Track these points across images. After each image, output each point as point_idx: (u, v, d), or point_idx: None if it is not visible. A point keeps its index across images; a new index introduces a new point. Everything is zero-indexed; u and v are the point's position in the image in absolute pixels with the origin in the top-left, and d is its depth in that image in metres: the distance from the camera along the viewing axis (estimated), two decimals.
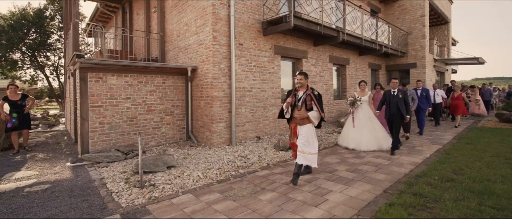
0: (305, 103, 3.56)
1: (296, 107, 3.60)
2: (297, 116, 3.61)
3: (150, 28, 8.88)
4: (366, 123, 5.53)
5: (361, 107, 5.61)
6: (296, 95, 3.64)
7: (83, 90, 5.08)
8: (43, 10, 15.32)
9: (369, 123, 5.55)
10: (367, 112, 5.61)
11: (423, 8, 11.74)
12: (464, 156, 4.76)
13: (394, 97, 5.21)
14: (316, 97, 3.57)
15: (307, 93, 3.57)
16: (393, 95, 5.24)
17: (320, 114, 3.56)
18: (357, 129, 5.53)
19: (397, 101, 5.15)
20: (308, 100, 3.55)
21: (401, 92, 5.17)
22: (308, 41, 8.24)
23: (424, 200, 2.95)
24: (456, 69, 18.65)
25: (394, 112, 5.18)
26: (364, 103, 5.62)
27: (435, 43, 13.40)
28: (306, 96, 3.56)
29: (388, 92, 5.36)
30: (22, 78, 16.97)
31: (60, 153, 5.72)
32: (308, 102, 3.55)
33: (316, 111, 3.58)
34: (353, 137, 5.55)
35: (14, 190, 3.54)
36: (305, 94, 3.58)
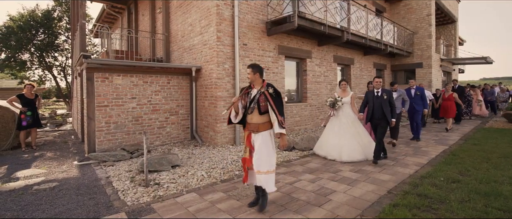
0: (257, 105, 2.73)
1: (249, 110, 2.78)
2: (249, 122, 2.80)
3: (155, 28, 8.97)
4: (348, 128, 4.77)
5: (342, 109, 4.91)
6: (249, 94, 2.84)
7: (90, 90, 5.17)
8: (51, 12, 15.60)
9: (352, 128, 4.79)
10: (350, 116, 4.88)
11: (429, 7, 11.59)
12: (470, 157, 4.69)
13: (377, 98, 4.57)
14: (272, 96, 2.72)
15: (261, 92, 2.75)
16: (376, 96, 4.59)
17: (278, 119, 2.66)
18: (338, 135, 4.76)
19: (381, 102, 4.52)
20: (262, 100, 2.73)
21: (385, 93, 4.54)
22: (312, 41, 8.22)
23: (429, 201, 2.92)
24: (464, 69, 18.36)
25: (378, 115, 4.54)
26: (346, 105, 4.91)
27: (441, 43, 13.22)
28: (260, 95, 2.74)
29: (370, 93, 4.72)
30: (31, 78, 17.30)
31: (68, 152, 5.82)
32: (262, 103, 2.73)
33: (273, 115, 2.70)
34: (334, 145, 4.74)
35: (23, 187, 3.63)
36: (258, 92, 2.76)
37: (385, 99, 4.51)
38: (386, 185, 3.46)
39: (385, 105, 4.49)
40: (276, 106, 2.70)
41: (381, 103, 4.52)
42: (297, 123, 7.78)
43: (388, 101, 4.52)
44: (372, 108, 4.63)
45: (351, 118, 4.86)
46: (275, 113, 2.68)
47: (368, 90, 4.95)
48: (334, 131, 4.87)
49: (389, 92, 4.56)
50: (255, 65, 2.79)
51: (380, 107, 4.52)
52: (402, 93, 5.88)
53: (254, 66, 2.79)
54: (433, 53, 11.79)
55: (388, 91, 4.58)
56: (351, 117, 4.86)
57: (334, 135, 4.84)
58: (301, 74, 8.17)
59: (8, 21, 14.92)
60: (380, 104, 4.53)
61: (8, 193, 3.42)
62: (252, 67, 2.80)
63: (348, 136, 4.71)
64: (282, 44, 7.26)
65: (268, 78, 6.92)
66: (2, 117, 5.97)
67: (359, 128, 4.83)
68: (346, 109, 4.92)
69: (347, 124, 4.82)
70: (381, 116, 4.51)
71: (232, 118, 2.90)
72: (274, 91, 2.76)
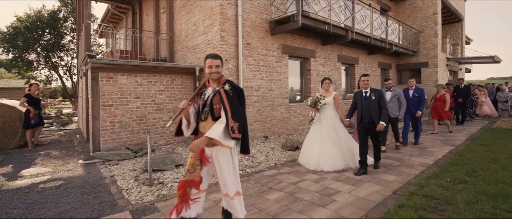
0: (211, 108, 2.09)
1: (201, 115, 2.13)
2: (202, 131, 2.15)
3: (159, 28, 9.01)
4: (330, 134, 4.19)
5: (324, 112, 4.33)
6: (202, 94, 2.18)
7: (95, 90, 5.21)
8: (57, 12, 15.79)
9: (334, 133, 4.20)
10: (332, 119, 4.28)
11: (435, 5, 11.44)
12: (478, 158, 4.61)
13: (365, 100, 3.97)
14: (227, 94, 2.08)
15: (216, 90, 2.11)
16: (364, 97, 4.00)
17: (228, 122, 2.02)
18: (319, 142, 4.21)
19: (369, 105, 3.90)
20: (216, 101, 2.08)
21: (374, 93, 3.94)
22: (316, 41, 8.17)
23: (436, 202, 2.88)
24: (470, 68, 18.11)
25: (367, 119, 3.93)
26: (328, 107, 4.32)
27: (447, 42, 13.05)
28: (214, 95, 2.10)
29: (358, 94, 4.12)
30: (37, 78, 17.54)
31: (73, 151, 5.88)
32: (216, 104, 2.08)
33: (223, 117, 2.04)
34: (313, 152, 4.20)
35: (29, 186, 3.67)
36: (213, 91, 2.12)
37: (373, 101, 3.91)
38: (391, 186, 3.42)
39: (373, 107, 3.90)
40: (231, 106, 2.02)
41: (369, 105, 3.92)
42: (301, 123, 7.75)
43: (377, 102, 3.92)
44: (360, 111, 4.04)
45: (333, 121, 4.27)
46: (226, 113, 2.00)
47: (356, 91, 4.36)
48: (315, 136, 4.30)
49: (378, 93, 3.97)
50: (215, 55, 2.14)
51: (368, 110, 3.93)
52: (397, 93, 5.20)
53: (220, 56, 2.15)
54: (439, 52, 11.63)
55: (378, 91, 3.99)
56: (333, 121, 4.27)
57: (314, 141, 4.28)
58: (305, 73, 8.13)
59: (15, 21, 15.15)
60: (368, 107, 3.94)
61: (14, 191, 3.46)
62: (219, 58, 2.13)
63: (329, 143, 4.15)
64: (286, 43, 7.23)
65: (272, 78, 6.89)
66: (9, 116, 6.06)
67: (340, 133, 4.24)
68: (328, 112, 4.32)
69: (328, 128, 4.23)
70: (371, 120, 3.90)
71: (184, 130, 2.18)
72: (231, 88, 2.11)
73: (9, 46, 14.88)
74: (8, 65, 19.57)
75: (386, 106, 3.93)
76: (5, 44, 14.79)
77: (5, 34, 14.79)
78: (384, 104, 3.93)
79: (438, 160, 4.63)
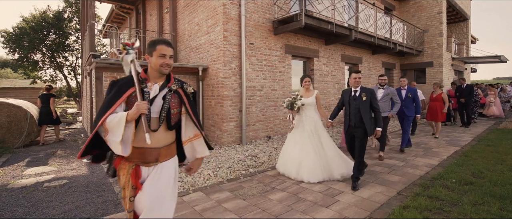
0: (168, 113, 1.61)
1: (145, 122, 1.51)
2: (140, 145, 1.56)
3: (162, 28, 9.05)
4: (312, 138, 3.70)
5: (305, 113, 3.84)
6: (144, 92, 1.58)
7: (99, 89, 5.24)
8: (62, 13, 15.94)
9: (316, 138, 3.73)
10: (314, 121, 3.79)
11: (440, 5, 11.32)
12: (484, 159, 4.55)
13: (355, 100, 3.45)
14: (189, 98, 1.74)
15: (172, 90, 1.65)
16: (353, 97, 3.48)
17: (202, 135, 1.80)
18: (300, 147, 3.72)
19: (359, 106, 3.38)
20: (174, 105, 1.65)
21: (365, 92, 3.41)
22: (320, 40, 8.13)
23: (441, 203, 2.84)
24: (476, 68, 17.89)
25: (355, 123, 3.40)
26: (309, 108, 3.84)
27: (453, 41, 12.89)
28: (171, 95, 1.64)
29: (346, 92, 3.61)
30: (43, 78, 17.74)
31: (77, 150, 5.93)
32: (175, 108, 1.65)
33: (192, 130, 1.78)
34: (293, 159, 3.72)
35: (34, 184, 3.70)
36: (168, 91, 1.64)
37: (364, 101, 3.37)
38: (395, 187, 3.39)
39: (364, 109, 3.35)
40: (195, 114, 1.72)
41: (359, 106, 3.38)
42: None
43: (369, 103, 3.39)
44: (348, 113, 3.52)
45: (315, 124, 3.78)
46: (197, 125, 1.72)
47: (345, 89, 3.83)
48: (296, 141, 3.81)
49: (370, 92, 3.44)
50: (164, 40, 1.64)
51: (357, 111, 3.40)
52: (390, 92, 4.76)
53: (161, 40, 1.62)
54: (444, 52, 11.50)
55: (370, 91, 3.46)
56: (315, 123, 3.79)
57: (294, 147, 3.79)
58: (308, 73, 8.10)
59: (21, 22, 15.34)
60: (357, 108, 3.40)
61: (20, 190, 3.50)
62: (170, 45, 1.64)
63: (310, 148, 3.65)
64: (289, 43, 7.21)
65: (275, 78, 6.87)
66: (15, 115, 6.13)
67: (323, 138, 3.76)
68: (310, 113, 3.83)
69: (310, 132, 3.74)
70: (359, 123, 3.38)
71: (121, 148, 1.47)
72: (192, 89, 1.76)
73: (15, 46, 15.07)
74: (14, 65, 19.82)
75: (379, 109, 3.44)
76: (11, 44, 14.98)
77: (11, 34, 14.98)
78: (377, 106, 3.41)
79: (443, 160, 4.58)
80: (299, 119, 3.89)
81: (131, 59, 1.64)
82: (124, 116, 1.46)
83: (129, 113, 1.47)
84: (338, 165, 3.65)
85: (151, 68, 1.65)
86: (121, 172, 1.60)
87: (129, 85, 1.57)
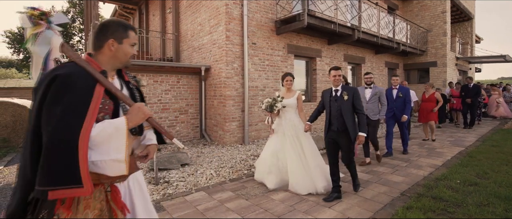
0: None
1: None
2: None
3: (165, 28, 9.08)
4: (294, 145, 3.31)
5: (286, 116, 3.43)
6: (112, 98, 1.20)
7: None
8: (66, 13, 16.10)
9: (298, 144, 3.32)
10: (295, 125, 3.39)
11: (444, 4, 11.23)
12: (489, 159, 4.50)
13: (336, 101, 3.02)
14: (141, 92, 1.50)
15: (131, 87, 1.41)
16: (334, 97, 3.05)
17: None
18: (279, 154, 3.39)
19: (340, 107, 2.97)
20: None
21: (347, 92, 2.99)
22: (322, 40, 8.11)
23: (445, 204, 2.82)
24: (480, 67, 17.73)
25: (337, 127, 2.97)
26: (290, 110, 3.45)
27: (457, 41, 12.79)
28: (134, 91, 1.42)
29: (327, 93, 3.17)
30: None
31: None
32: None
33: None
34: (272, 168, 3.35)
35: None
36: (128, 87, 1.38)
37: (346, 101, 2.95)
38: (399, 187, 3.37)
39: (346, 111, 2.93)
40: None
41: (340, 107, 2.97)
42: None
43: (352, 104, 2.96)
44: (328, 116, 3.09)
45: (296, 128, 3.38)
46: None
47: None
48: (276, 147, 3.41)
49: (352, 91, 3.01)
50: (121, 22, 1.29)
51: (339, 114, 2.97)
52: (378, 91, 4.31)
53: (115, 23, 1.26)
54: (448, 52, 11.41)
55: (352, 89, 3.04)
56: (296, 128, 3.38)
57: (274, 154, 3.40)
58: (311, 73, 8.08)
59: None
60: (339, 110, 2.98)
61: None
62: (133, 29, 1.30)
63: (293, 156, 3.26)
64: (291, 43, 7.20)
65: (277, 78, 6.86)
66: (20, 115, 6.19)
67: (305, 144, 3.33)
68: (291, 116, 3.44)
69: (291, 137, 3.33)
70: (342, 127, 2.95)
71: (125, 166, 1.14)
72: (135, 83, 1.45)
73: (20, 47, 15.25)
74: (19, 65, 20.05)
75: (362, 110, 3.01)
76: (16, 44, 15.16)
77: (16, 35, 15.16)
78: (359, 107, 2.98)
79: (447, 161, 4.54)
80: (279, 123, 3.48)
81: (60, 43, 1.17)
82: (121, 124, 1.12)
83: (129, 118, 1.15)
84: (321, 176, 3.21)
85: (110, 58, 1.23)
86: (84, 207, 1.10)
87: (89, 81, 1.11)
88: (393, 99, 4.93)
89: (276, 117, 3.57)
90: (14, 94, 18.10)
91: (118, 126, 1.12)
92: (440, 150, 5.33)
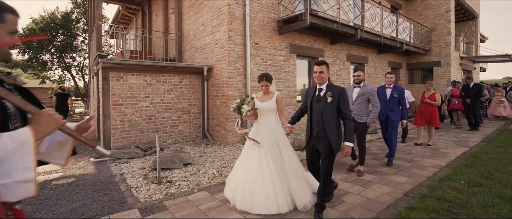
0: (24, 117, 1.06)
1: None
2: None
3: (168, 29, 9.11)
4: (273, 154, 2.80)
5: (264, 120, 2.95)
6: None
7: (105, 89, 5.31)
8: (70, 14, 16.23)
9: (278, 153, 2.82)
10: (275, 132, 2.88)
11: (448, 3, 11.13)
12: (494, 160, 4.45)
13: (318, 102, 2.57)
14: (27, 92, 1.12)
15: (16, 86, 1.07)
16: (317, 98, 2.59)
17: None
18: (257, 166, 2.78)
19: (323, 109, 2.51)
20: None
21: (331, 91, 2.50)
22: (325, 40, 8.08)
23: (449, 205, 2.79)
24: (485, 67, 17.53)
25: (318, 132, 2.52)
26: (268, 114, 2.95)
27: (461, 40, 12.66)
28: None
29: (310, 92, 2.72)
30: (51, 78, 18.08)
31: (84, 149, 6.02)
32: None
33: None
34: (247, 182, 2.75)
35: (43, 183, 3.77)
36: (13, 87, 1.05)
37: (329, 104, 2.47)
38: (402, 188, 3.34)
39: (328, 116, 2.47)
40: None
41: (323, 110, 2.51)
42: None
43: (336, 107, 2.49)
44: (309, 119, 2.64)
45: (276, 135, 2.87)
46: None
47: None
48: (252, 157, 2.86)
49: (338, 92, 2.51)
50: None
51: (320, 118, 2.51)
52: (367, 90, 3.81)
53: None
54: (452, 51, 11.31)
55: (339, 90, 2.52)
56: (276, 134, 2.88)
57: (249, 166, 2.84)
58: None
59: (30, 23, 15.66)
60: (319, 113, 2.52)
61: None
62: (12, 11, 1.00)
63: (273, 168, 2.74)
64: (294, 42, 7.18)
65: (280, 77, 6.85)
66: None
67: (285, 154, 2.82)
68: (270, 121, 2.93)
69: (270, 145, 2.82)
70: (323, 133, 2.49)
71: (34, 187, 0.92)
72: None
73: (25, 47, 15.39)
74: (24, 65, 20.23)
75: (349, 115, 2.48)
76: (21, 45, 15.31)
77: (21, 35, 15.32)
78: (346, 112, 2.47)
79: (452, 161, 4.50)
80: (257, 129, 2.97)
81: None
82: (27, 136, 0.89)
83: (36, 129, 0.92)
84: (303, 190, 2.73)
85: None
86: None
87: None
88: (387, 100, 4.39)
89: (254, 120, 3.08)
90: None
91: (24, 139, 0.88)
92: (444, 151, 5.28)
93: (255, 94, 3.08)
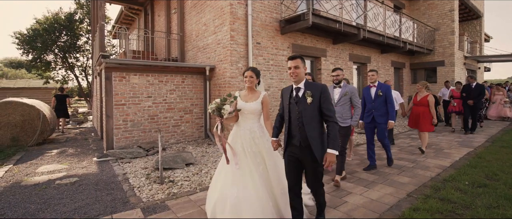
0: None
1: None
2: None
3: (170, 29, 9.14)
4: (257, 163, 2.45)
5: (245, 124, 2.56)
6: None
7: (108, 89, 5.34)
8: (73, 14, 16.33)
9: (261, 162, 2.48)
10: (257, 138, 2.51)
11: (452, 2, 11.04)
12: (498, 160, 4.40)
13: (295, 104, 2.18)
14: None
15: None
16: (295, 99, 2.19)
17: None
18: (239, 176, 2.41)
19: (302, 112, 2.13)
20: None
21: (311, 91, 2.12)
22: (327, 39, 8.06)
23: (453, 206, 2.76)
24: (490, 67, 17.38)
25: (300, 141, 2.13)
26: (251, 117, 2.55)
27: (465, 40, 12.56)
28: None
29: (286, 92, 2.30)
30: (55, 78, 18.21)
31: (88, 149, 6.06)
32: None
33: None
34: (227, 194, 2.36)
35: (47, 182, 3.80)
36: None
37: (309, 106, 2.11)
38: (405, 188, 3.32)
39: (309, 119, 2.11)
40: None
41: (302, 113, 2.14)
42: None
43: (318, 108, 2.12)
44: (288, 124, 2.25)
45: (258, 143, 2.50)
46: None
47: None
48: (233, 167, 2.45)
49: (319, 90, 2.13)
50: None
51: (299, 121, 2.15)
52: (349, 90, 3.47)
53: None
54: (456, 51, 11.21)
55: (319, 87, 2.14)
56: (258, 142, 2.50)
57: (230, 175, 2.45)
58: (315, 73, 8.03)
59: (34, 24, 15.79)
60: (298, 117, 2.16)
61: (32, 187, 3.60)
62: None
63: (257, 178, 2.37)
64: (296, 42, 7.17)
65: (282, 77, 6.84)
66: (28, 114, 6.31)
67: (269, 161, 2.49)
68: (251, 126, 2.54)
69: (253, 154, 2.47)
70: (305, 142, 2.11)
71: None
72: None
73: (29, 48, 15.52)
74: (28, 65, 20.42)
75: (333, 116, 2.09)
76: (25, 45, 15.44)
77: (25, 36, 15.44)
78: (329, 113, 2.09)
79: (456, 162, 4.46)
80: (236, 133, 2.58)
81: None
82: None
83: None
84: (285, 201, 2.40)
85: None
86: None
87: None
88: (372, 100, 4.04)
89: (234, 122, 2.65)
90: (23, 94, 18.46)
91: None
92: (447, 151, 5.24)
93: (239, 92, 2.65)
